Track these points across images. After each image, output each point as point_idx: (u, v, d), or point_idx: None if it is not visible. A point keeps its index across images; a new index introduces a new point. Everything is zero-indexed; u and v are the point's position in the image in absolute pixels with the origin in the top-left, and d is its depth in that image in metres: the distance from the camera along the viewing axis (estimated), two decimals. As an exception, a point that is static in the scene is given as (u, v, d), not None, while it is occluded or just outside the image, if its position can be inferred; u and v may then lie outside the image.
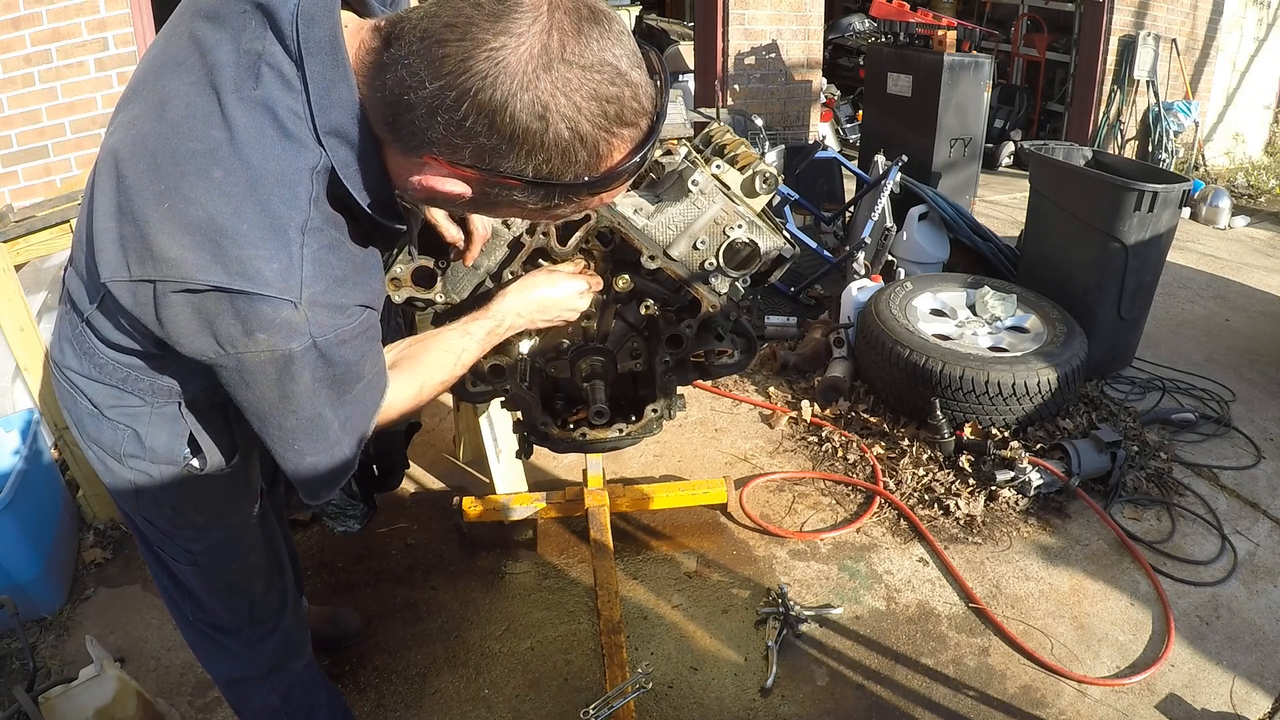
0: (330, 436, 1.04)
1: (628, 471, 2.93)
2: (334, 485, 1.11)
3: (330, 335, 0.94)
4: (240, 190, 0.87)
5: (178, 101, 0.89)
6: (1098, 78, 7.32)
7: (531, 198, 0.87)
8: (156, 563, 1.39)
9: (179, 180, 0.87)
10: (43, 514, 2.29)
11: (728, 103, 5.53)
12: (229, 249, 0.86)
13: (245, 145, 0.87)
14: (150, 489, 1.23)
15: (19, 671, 2.06)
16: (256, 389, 0.96)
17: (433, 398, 1.29)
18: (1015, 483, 2.76)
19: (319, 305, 0.91)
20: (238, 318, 0.88)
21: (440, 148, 0.84)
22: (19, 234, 2.25)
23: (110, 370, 1.13)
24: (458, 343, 1.33)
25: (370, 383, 1.07)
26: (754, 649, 2.20)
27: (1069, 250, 3.57)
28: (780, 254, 1.66)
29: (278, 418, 1.00)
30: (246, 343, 0.90)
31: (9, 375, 2.58)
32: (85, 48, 3.51)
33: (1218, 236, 6.10)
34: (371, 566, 2.47)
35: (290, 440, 1.03)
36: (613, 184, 0.88)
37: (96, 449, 1.23)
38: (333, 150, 0.89)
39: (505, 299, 1.43)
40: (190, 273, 0.87)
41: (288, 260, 0.88)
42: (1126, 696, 2.10)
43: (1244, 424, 3.34)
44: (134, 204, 0.89)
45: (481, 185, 0.87)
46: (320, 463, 1.06)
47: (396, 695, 2.06)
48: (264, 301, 0.88)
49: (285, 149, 0.88)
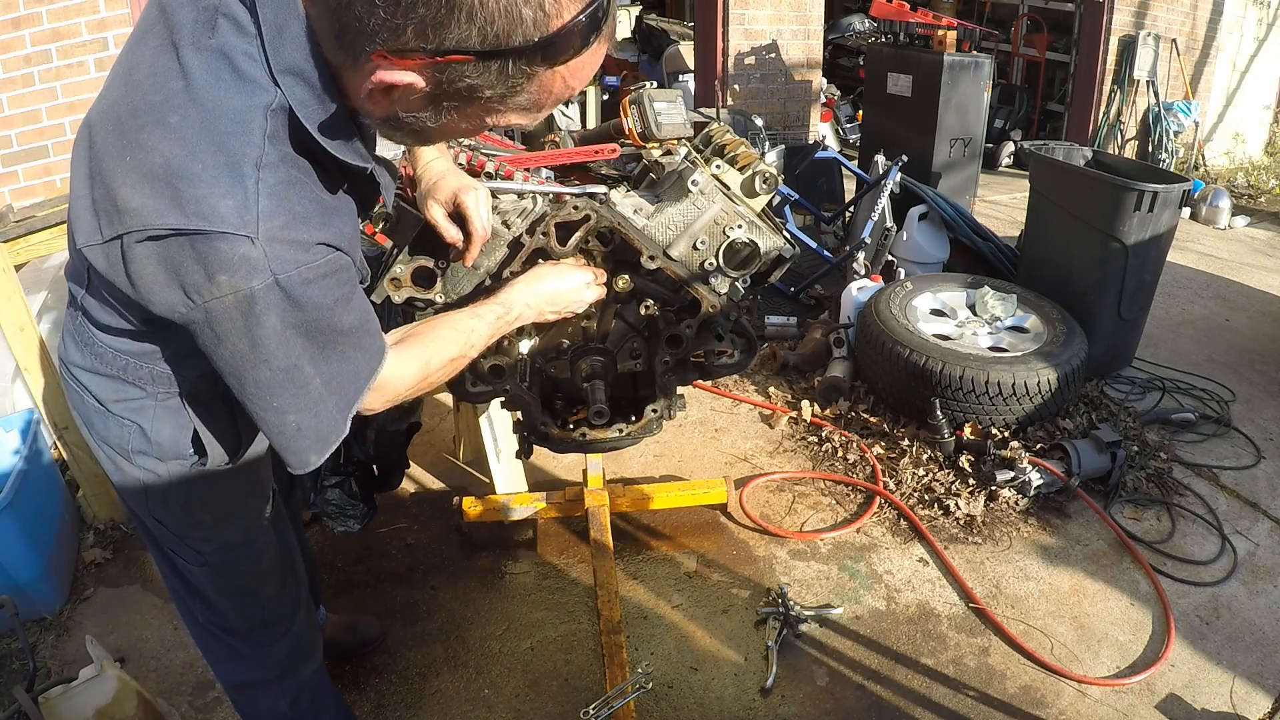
0: (311, 393, 1.01)
1: (628, 471, 2.93)
2: (321, 450, 1.07)
3: (292, 272, 0.91)
4: (195, 132, 0.87)
5: (142, 65, 0.92)
6: (1098, 78, 7.32)
7: (486, 77, 0.83)
8: (166, 564, 1.38)
9: (139, 132, 0.88)
10: (43, 514, 2.30)
11: (728, 103, 5.53)
12: (185, 190, 0.86)
13: (200, 90, 0.88)
14: (159, 488, 1.23)
15: (19, 671, 2.06)
16: (228, 342, 0.94)
17: (441, 378, 1.26)
18: (1015, 483, 2.76)
19: (277, 240, 0.90)
20: (199, 262, 0.88)
21: (383, 36, 0.81)
22: (19, 234, 2.25)
23: (110, 359, 1.13)
24: (467, 323, 1.31)
25: (357, 342, 1.04)
26: (754, 649, 2.21)
27: (1069, 250, 3.57)
28: (780, 254, 1.66)
29: (251, 370, 0.97)
30: (210, 288, 0.89)
31: (9, 375, 2.58)
32: (85, 48, 3.51)
33: (1218, 236, 6.10)
34: (371, 566, 2.47)
35: (268, 396, 0.99)
36: (568, 48, 0.82)
37: (106, 448, 1.23)
38: (289, 89, 0.90)
39: (514, 289, 1.43)
40: (151, 219, 0.87)
41: (243, 196, 0.88)
42: (1126, 696, 2.10)
43: (1244, 424, 3.34)
44: (102, 166, 0.91)
45: (432, 71, 0.84)
46: (303, 423, 1.03)
47: (396, 695, 2.06)
48: (221, 239, 0.87)
49: (240, 90, 0.89)
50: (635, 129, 1.70)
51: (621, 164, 1.79)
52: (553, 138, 1.91)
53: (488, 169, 1.57)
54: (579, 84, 0.89)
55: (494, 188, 1.54)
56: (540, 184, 1.59)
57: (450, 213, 1.43)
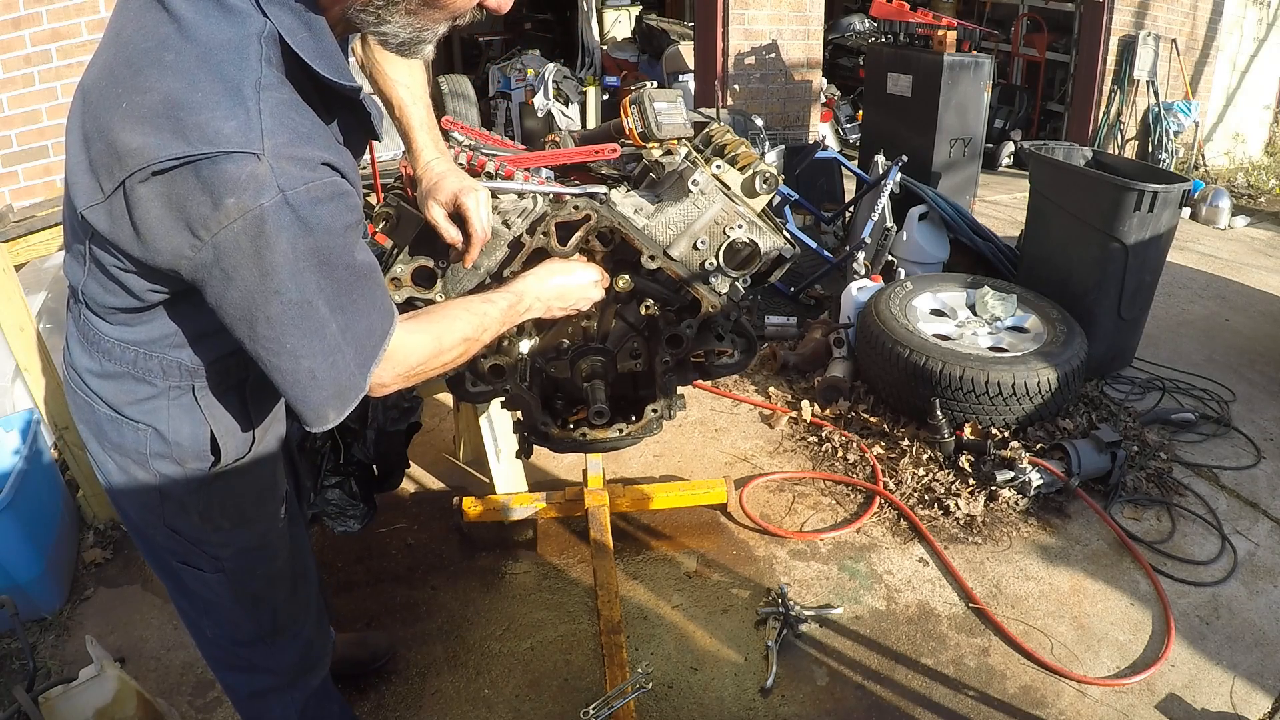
0: (327, 338, 0.98)
1: (628, 471, 2.93)
2: (340, 405, 1.03)
3: (300, 188, 0.91)
4: (191, 65, 0.89)
5: (129, 25, 0.94)
6: (1098, 78, 7.32)
7: None
8: (173, 580, 1.36)
9: (134, 78, 0.90)
10: (43, 514, 2.29)
11: (728, 103, 5.53)
12: (186, 118, 0.87)
13: (192, 27, 0.90)
14: (176, 493, 1.21)
15: (19, 671, 2.06)
16: (238, 278, 0.92)
17: (453, 358, 1.23)
18: (1015, 483, 2.76)
19: (284, 157, 0.90)
20: (205, 189, 0.88)
21: None
22: (19, 234, 2.26)
23: (117, 354, 1.12)
24: (480, 306, 1.31)
25: (370, 290, 1.03)
26: (754, 649, 2.21)
27: (1069, 250, 3.57)
28: (780, 254, 1.66)
29: (263, 306, 0.94)
30: (217, 217, 0.89)
31: (9, 375, 2.58)
32: (85, 48, 3.51)
33: (1218, 236, 6.10)
34: (371, 566, 2.47)
35: (281, 336, 0.96)
36: None
37: (118, 457, 1.20)
38: (276, 17, 0.93)
39: (525, 280, 1.43)
40: (154, 153, 0.88)
41: (245, 116, 0.89)
42: (1126, 696, 2.10)
43: (1244, 424, 3.34)
44: (99, 120, 0.92)
45: None
46: (319, 370, 0.99)
47: (396, 695, 2.06)
48: (227, 160, 0.87)
49: (230, 22, 0.91)
50: (635, 129, 1.70)
51: (622, 164, 1.79)
52: (553, 138, 1.91)
53: (488, 169, 1.57)
54: None
55: (494, 188, 1.54)
56: (540, 184, 1.59)
57: (450, 213, 1.43)
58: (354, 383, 1.04)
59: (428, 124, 1.47)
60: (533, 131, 6.56)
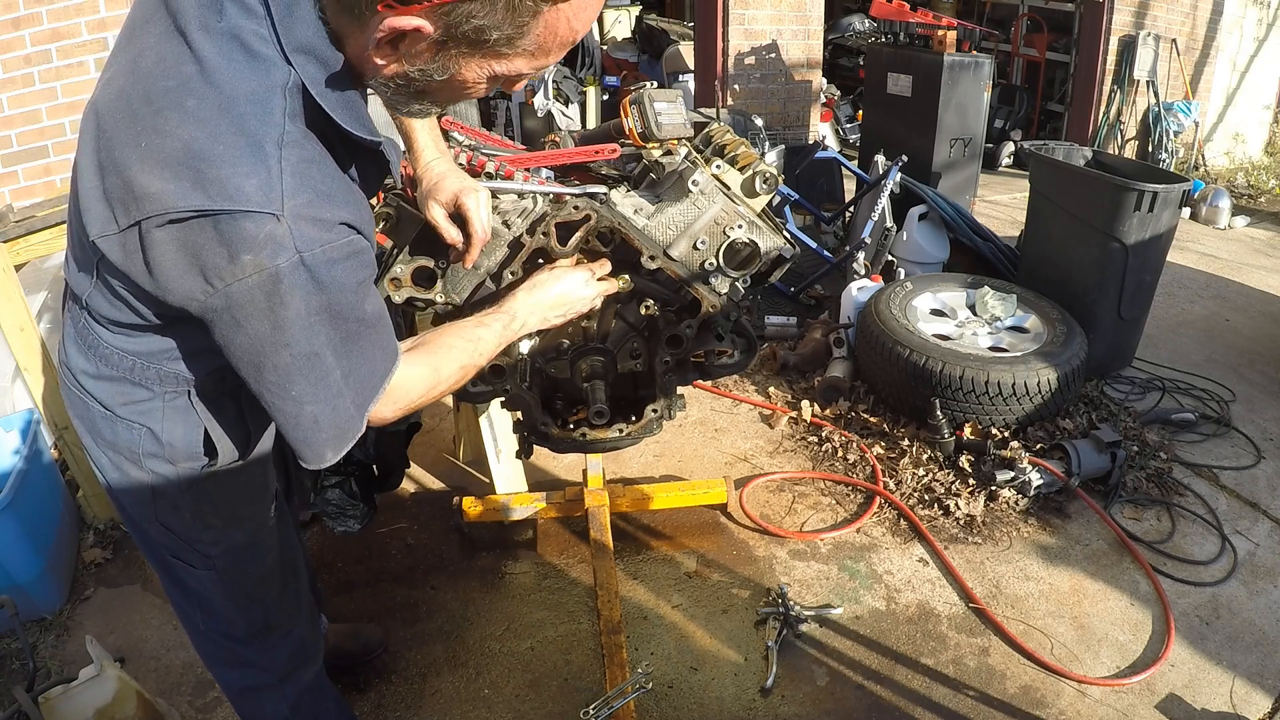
0: (331, 385, 1.00)
1: (628, 471, 2.93)
2: (338, 446, 1.05)
3: (317, 250, 0.91)
4: (213, 114, 0.87)
5: (148, 52, 0.91)
6: (1098, 78, 7.32)
7: (493, 17, 0.84)
8: (167, 573, 1.36)
9: (154, 118, 0.88)
10: (43, 514, 2.29)
11: (728, 103, 5.53)
12: (207, 171, 0.86)
13: (215, 72, 0.88)
14: (168, 491, 1.22)
15: (19, 671, 2.06)
16: (248, 325, 0.93)
17: (449, 387, 1.25)
18: (1015, 483, 2.76)
19: (302, 218, 0.90)
20: (222, 243, 0.87)
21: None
22: (19, 234, 2.25)
23: (116, 361, 1.12)
24: (474, 332, 1.32)
25: (376, 336, 1.04)
26: (754, 649, 2.21)
27: (1069, 250, 3.57)
28: (780, 254, 1.66)
29: (272, 356, 0.95)
30: (233, 270, 0.88)
31: (9, 375, 2.58)
32: (85, 48, 3.51)
33: (1218, 236, 6.10)
34: (371, 566, 2.47)
35: (286, 384, 0.98)
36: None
37: (112, 454, 1.21)
38: (301, 67, 0.91)
39: (518, 297, 1.43)
40: (172, 202, 0.86)
41: (266, 174, 0.88)
42: (1126, 696, 2.10)
43: (1244, 424, 3.34)
44: (114, 154, 0.90)
45: (440, 15, 0.85)
46: (322, 416, 1.01)
47: (396, 695, 2.06)
48: (246, 218, 0.87)
49: (254, 70, 0.89)
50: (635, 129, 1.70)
51: (621, 164, 1.79)
52: (553, 138, 1.91)
53: (488, 169, 1.57)
54: (582, 27, 0.91)
55: (494, 188, 1.54)
56: (540, 184, 1.59)
57: (451, 213, 1.43)
58: (353, 425, 1.06)
59: (428, 124, 1.47)
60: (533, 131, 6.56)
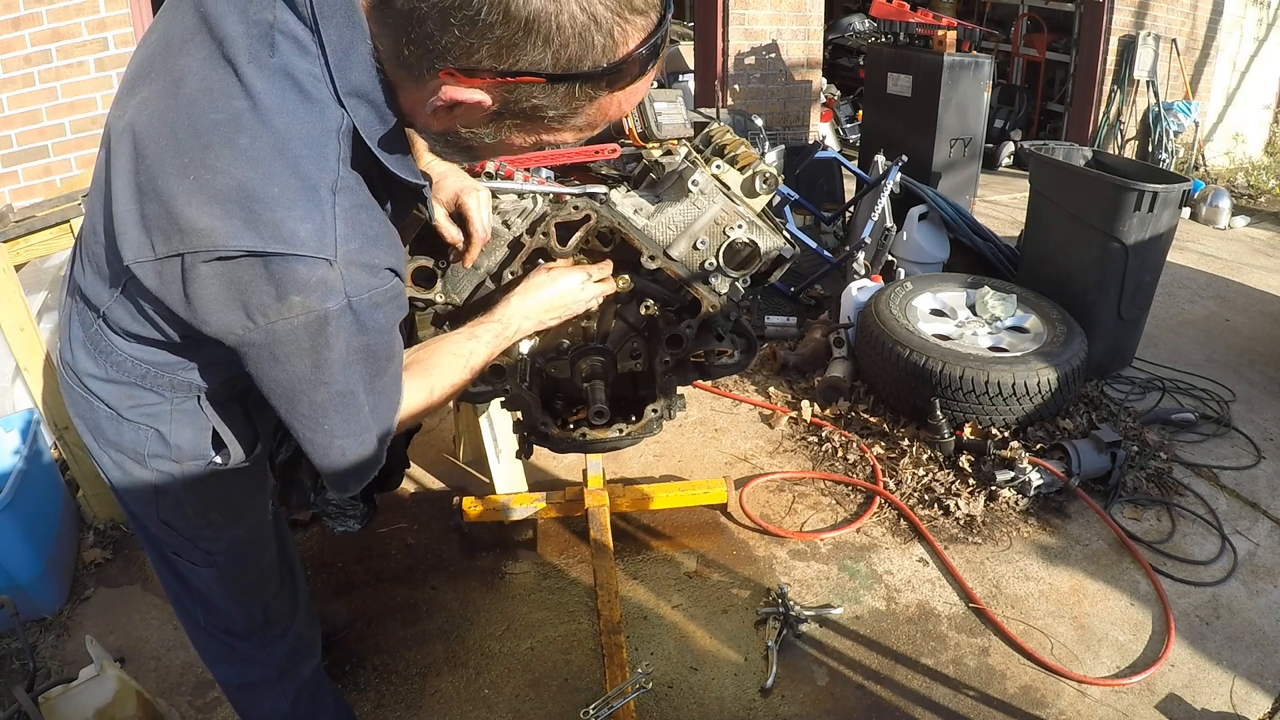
0: (361, 420, 1.03)
1: (628, 471, 2.93)
2: (363, 477, 1.08)
3: (365, 295, 0.93)
4: (268, 154, 0.87)
5: (192, 78, 0.89)
6: (1098, 78, 7.32)
7: (552, 99, 0.86)
8: (167, 569, 1.36)
9: (203, 152, 0.87)
10: (43, 514, 2.29)
11: (728, 103, 5.53)
12: (261, 213, 0.86)
13: (269, 111, 0.87)
14: (172, 490, 1.22)
15: (19, 671, 2.06)
16: (287, 363, 0.94)
17: (442, 403, 1.28)
18: (1015, 483, 2.76)
19: (354, 264, 0.91)
20: (271, 282, 0.88)
21: (454, 55, 0.83)
22: (19, 234, 2.25)
23: (129, 368, 1.11)
24: (465, 346, 1.32)
25: (396, 370, 1.07)
26: (754, 649, 2.21)
27: (1069, 250, 3.57)
28: (780, 254, 1.66)
29: (309, 392, 0.97)
30: (279, 309, 0.89)
31: (9, 375, 2.58)
32: (85, 48, 3.51)
33: (1218, 236, 6.10)
34: (371, 566, 2.47)
35: (320, 419, 1.00)
36: (629, 75, 0.87)
37: (114, 453, 1.20)
38: (354, 110, 0.90)
39: (510, 304, 1.43)
40: (222, 240, 0.86)
41: (321, 219, 0.88)
42: (1126, 696, 2.10)
43: (1244, 424, 3.34)
44: (156, 181, 0.88)
45: (500, 91, 0.86)
46: (350, 448, 1.04)
47: (396, 695, 2.06)
48: (299, 261, 0.87)
49: (309, 112, 0.89)
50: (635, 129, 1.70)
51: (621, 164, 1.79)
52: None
53: (488, 169, 1.57)
54: (630, 107, 0.94)
55: (494, 188, 1.54)
56: (540, 184, 1.59)
57: (451, 213, 1.43)
58: (376, 456, 1.09)
59: None
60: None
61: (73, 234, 2.28)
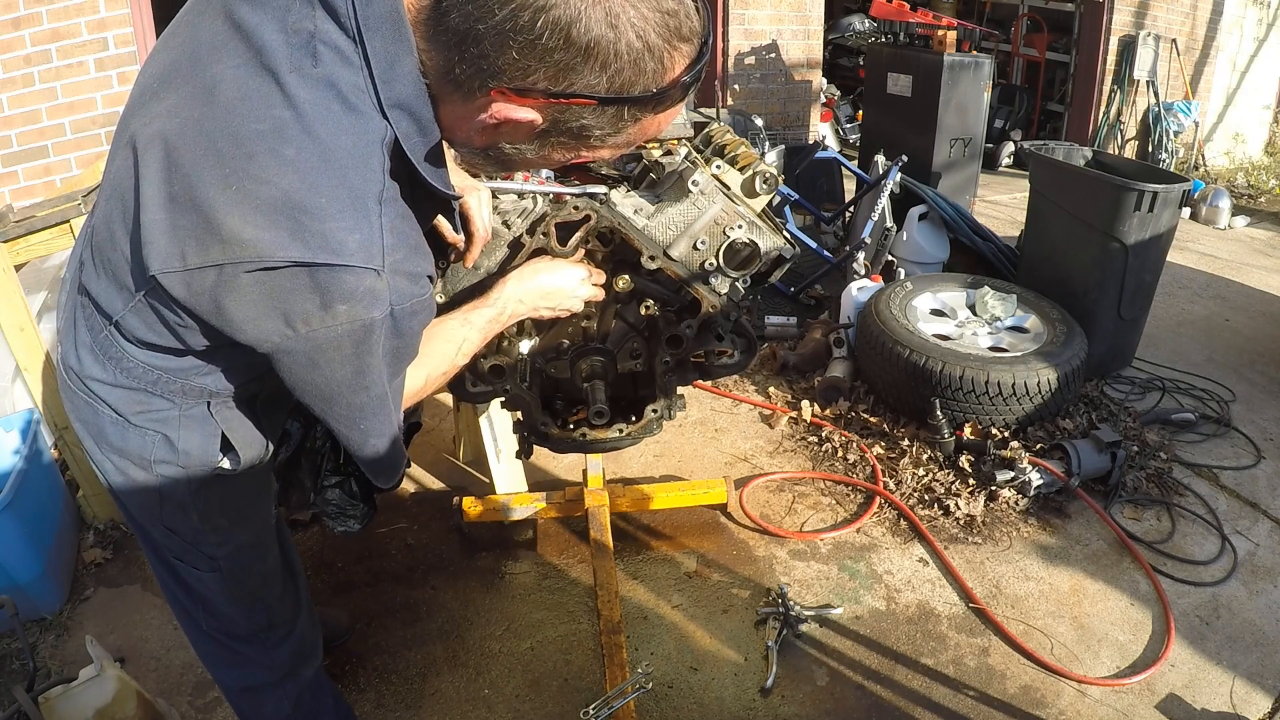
0: (390, 416, 1.07)
1: (628, 471, 2.93)
2: (398, 466, 1.14)
3: (406, 304, 0.95)
4: (315, 165, 0.86)
5: (227, 85, 0.88)
6: (1098, 78, 7.32)
7: (600, 120, 0.89)
8: (169, 574, 1.35)
9: (246, 162, 0.85)
10: (43, 514, 2.29)
11: (728, 103, 5.53)
12: (308, 224, 0.85)
13: (313, 122, 0.87)
14: (177, 495, 1.21)
15: (19, 671, 2.06)
16: (327, 368, 0.95)
17: (436, 389, 1.29)
18: (1015, 483, 2.76)
19: (400, 273, 0.93)
20: (315, 291, 0.88)
21: (510, 75, 0.84)
22: (19, 234, 2.25)
23: (139, 374, 1.10)
24: (459, 332, 1.32)
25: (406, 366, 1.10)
26: (754, 649, 2.21)
27: (1069, 250, 3.57)
28: (780, 254, 1.66)
29: (349, 396, 1.00)
30: (323, 317, 0.89)
31: (9, 375, 2.58)
32: (85, 48, 3.51)
33: (1218, 236, 6.10)
34: (371, 566, 2.47)
35: (357, 418, 1.04)
36: (673, 99, 0.90)
37: (117, 458, 1.19)
38: (397, 122, 0.91)
39: (506, 286, 1.43)
40: (268, 251, 0.85)
41: (369, 230, 0.89)
42: (1126, 696, 2.10)
43: (1244, 424, 3.34)
44: (194, 192, 0.86)
45: (552, 111, 0.88)
46: (381, 445, 1.09)
47: (396, 695, 2.06)
48: (348, 272, 0.88)
49: (353, 123, 0.89)
50: (635, 129, 1.70)
51: (621, 164, 1.79)
52: (553, 138, 1.91)
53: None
54: (666, 127, 0.98)
55: (494, 188, 1.54)
56: (540, 184, 1.59)
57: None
58: (400, 444, 1.13)
59: None
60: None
61: (73, 234, 2.28)
